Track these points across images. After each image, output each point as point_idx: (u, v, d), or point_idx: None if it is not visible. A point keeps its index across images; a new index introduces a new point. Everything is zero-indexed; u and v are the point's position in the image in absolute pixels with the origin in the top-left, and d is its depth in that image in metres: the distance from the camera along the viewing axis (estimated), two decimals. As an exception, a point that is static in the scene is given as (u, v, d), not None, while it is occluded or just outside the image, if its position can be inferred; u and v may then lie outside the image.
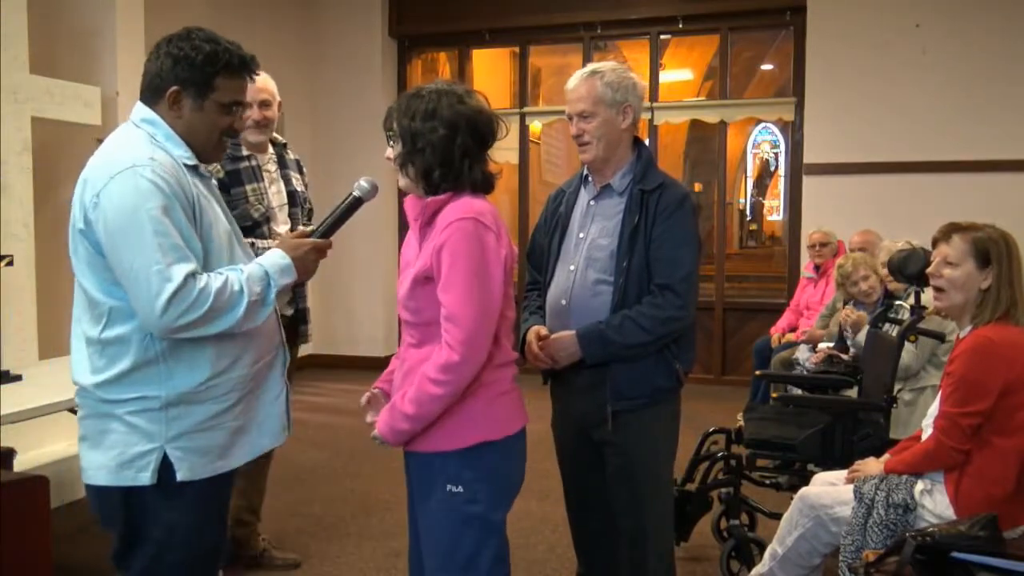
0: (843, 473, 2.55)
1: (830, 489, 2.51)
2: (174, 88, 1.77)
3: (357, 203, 1.96)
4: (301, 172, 3.20)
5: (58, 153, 4.40)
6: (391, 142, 1.88)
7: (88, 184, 1.71)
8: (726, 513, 3.23)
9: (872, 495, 2.29)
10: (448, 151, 1.82)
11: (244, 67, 1.83)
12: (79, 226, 1.72)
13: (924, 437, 2.42)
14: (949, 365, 2.29)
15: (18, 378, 2.89)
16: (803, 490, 2.57)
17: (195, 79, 1.76)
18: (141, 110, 1.81)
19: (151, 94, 1.80)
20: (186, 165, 1.79)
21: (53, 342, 4.19)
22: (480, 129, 1.86)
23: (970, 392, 2.19)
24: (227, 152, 2.53)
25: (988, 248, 2.24)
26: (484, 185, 1.89)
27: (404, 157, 1.85)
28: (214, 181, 1.97)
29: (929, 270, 2.35)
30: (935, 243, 2.36)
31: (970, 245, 2.25)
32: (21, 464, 3.51)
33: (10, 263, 3.25)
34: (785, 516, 2.56)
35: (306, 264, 1.87)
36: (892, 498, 2.26)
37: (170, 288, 1.63)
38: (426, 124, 1.81)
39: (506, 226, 1.89)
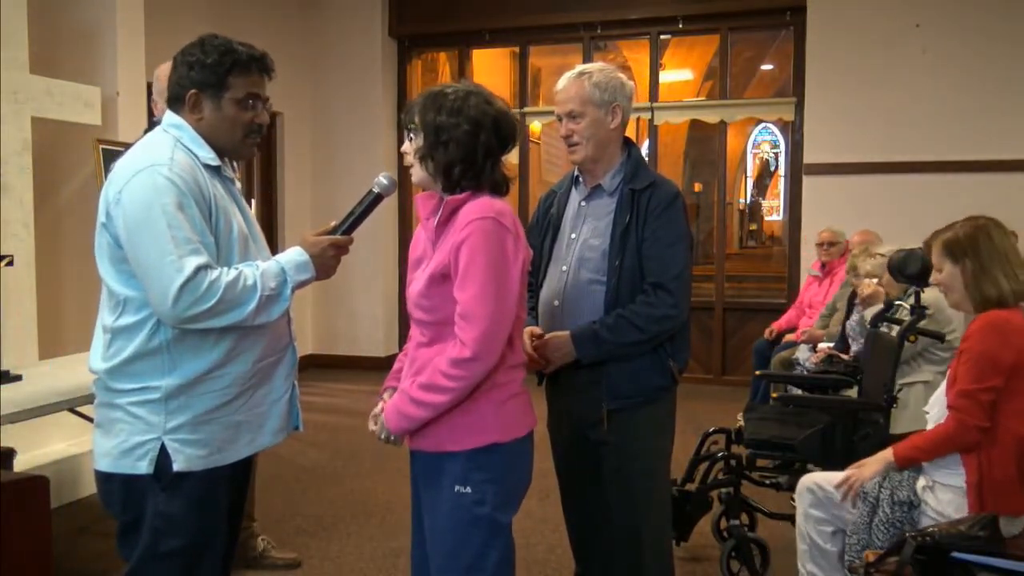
0: (834, 475, 2.52)
1: (826, 474, 2.55)
2: (192, 92, 1.86)
3: (377, 200, 1.96)
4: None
5: (58, 153, 4.41)
6: (410, 136, 1.88)
7: (112, 182, 1.81)
8: (726, 513, 3.23)
9: (876, 493, 2.30)
10: (471, 148, 1.82)
11: (254, 62, 1.88)
12: (101, 220, 1.81)
13: (930, 421, 2.42)
14: (964, 343, 2.30)
15: (18, 378, 2.89)
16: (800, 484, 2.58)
17: (209, 80, 1.85)
18: (169, 116, 1.90)
19: (174, 101, 1.89)
20: (208, 167, 1.86)
21: (53, 342, 4.20)
22: (503, 130, 1.87)
23: (986, 367, 2.22)
24: None
25: (954, 248, 2.36)
26: (502, 186, 1.90)
27: (425, 150, 1.85)
28: (238, 185, 2.00)
29: (932, 279, 2.49)
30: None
31: (942, 248, 2.39)
32: (21, 464, 3.52)
33: (10, 263, 3.25)
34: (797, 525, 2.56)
35: (325, 261, 1.90)
36: (896, 496, 2.27)
37: (180, 279, 1.69)
38: (451, 119, 1.82)
39: (522, 228, 1.89)
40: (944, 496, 2.25)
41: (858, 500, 2.34)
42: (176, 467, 1.79)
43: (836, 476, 2.45)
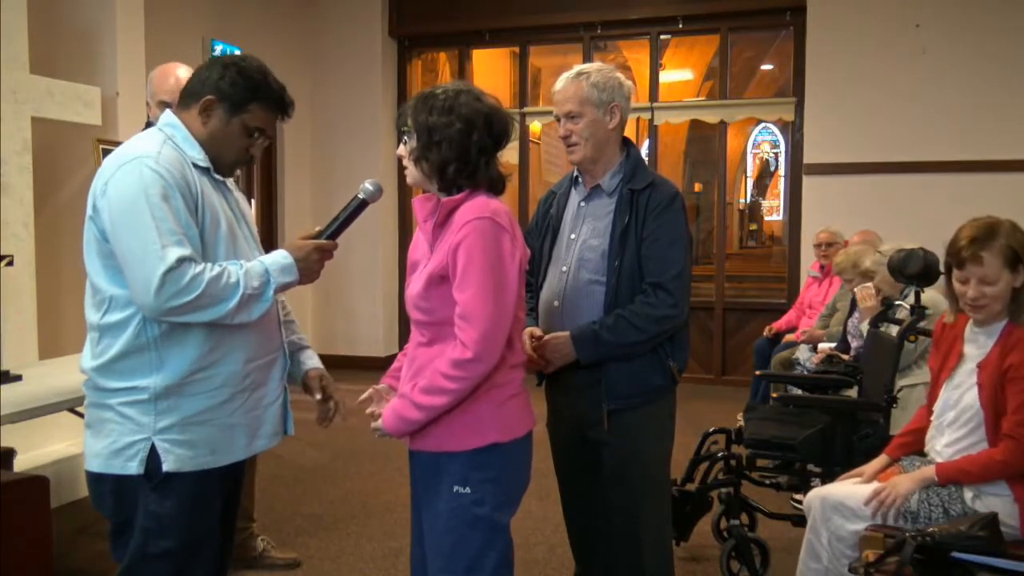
0: (853, 490, 2.41)
1: (841, 487, 2.44)
2: (210, 97, 1.85)
3: (362, 205, 1.96)
4: None
5: (58, 153, 4.41)
6: (405, 138, 1.89)
7: (99, 175, 1.81)
8: (726, 513, 3.23)
9: (928, 513, 2.23)
10: (465, 146, 1.83)
11: (280, 105, 1.91)
12: (89, 213, 1.81)
13: (938, 429, 2.39)
14: (1017, 370, 2.19)
15: (18, 378, 2.89)
16: (812, 498, 2.44)
17: (232, 96, 1.86)
18: (167, 116, 1.91)
19: (187, 97, 1.89)
20: (197, 165, 1.86)
21: (53, 342, 4.20)
22: (496, 127, 1.87)
23: None
24: None
25: (1016, 250, 2.24)
26: (498, 184, 1.90)
27: (419, 151, 1.85)
28: (229, 184, 1.99)
29: (971, 295, 2.27)
30: (962, 262, 2.27)
31: (1000, 257, 2.23)
32: (21, 464, 3.52)
33: (10, 263, 3.25)
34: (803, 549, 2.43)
35: (309, 265, 1.89)
36: (951, 511, 2.22)
37: (163, 267, 1.69)
38: (443, 118, 1.82)
39: (519, 228, 1.89)
40: (994, 503, 2.20)
41: (901, 518, 2.25)
42: (166, 467, 1.78)
43: (858, 492, 2.34)
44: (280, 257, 1.86)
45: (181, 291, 1.70)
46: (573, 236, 2.39)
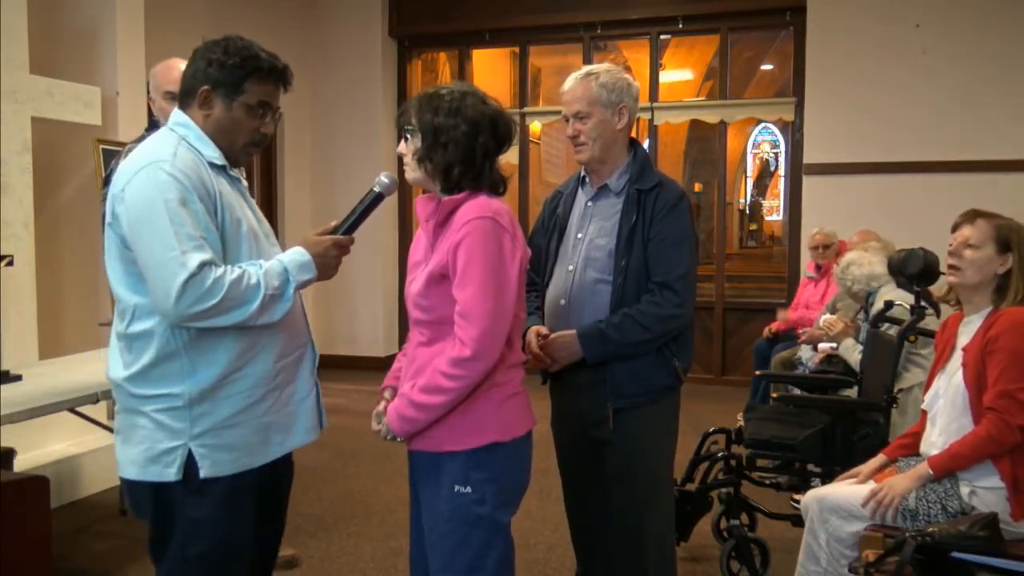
0: (850, 491, 2.41)
1: (838, 488, 2.45)
2: (205, 88, 1.84)
3: (378, 199, 1.95)
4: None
5: (58, 153, 4.41)
6: (407, 137, 1.88)
7: (117, 180, 1.80)
8: (726, 513, 3.23)
9: (926, 509, 2.24)
10: (470, 149, 1.83)
11: (274, 73, 1.88)
12: (108, 220, 1.80)
13: (931, 421, 2.40)
14: (993, 344, 2.24)
15: (18, 378, 2.89)
16: (809, 500, 2.43)
17: (226, 80, 1.83)
18: (176, 115, 1.89)
19: (186, 95, 1.88)
20: (213, 165, 1.84)
21: (53, 342, 4.20)
22: (500, 130, 1.88)
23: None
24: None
25: (1009, 236, 2.32)
26: (499, 186, 1.90)
27: (424, 152, 1.85)
28: (244, 183, 1.99)
29: (950, 248, 2.39)
30: (957, 226, 2.41)
31: (994, 230, 2.33)
32: (21, 464, 3.52)
33: (10, 263, 3.24)
34: (803, 546, 2.43)
35: (327, 261, 1.88)
36: (949, 508, 2.22)
37: (184, 274, 1.67)
38: (449, 120, 1.82)
39: (520, 228, 1.90)
40: (989, 498, 2.21)
41: (899, 517, 2.25)
42: (203, 473, 1.77)
43: (854, 493, 2.34)
44: (298, 255, 1.85)
45: (203, 296, 1.68)
46: (580, 235, 2.40)
